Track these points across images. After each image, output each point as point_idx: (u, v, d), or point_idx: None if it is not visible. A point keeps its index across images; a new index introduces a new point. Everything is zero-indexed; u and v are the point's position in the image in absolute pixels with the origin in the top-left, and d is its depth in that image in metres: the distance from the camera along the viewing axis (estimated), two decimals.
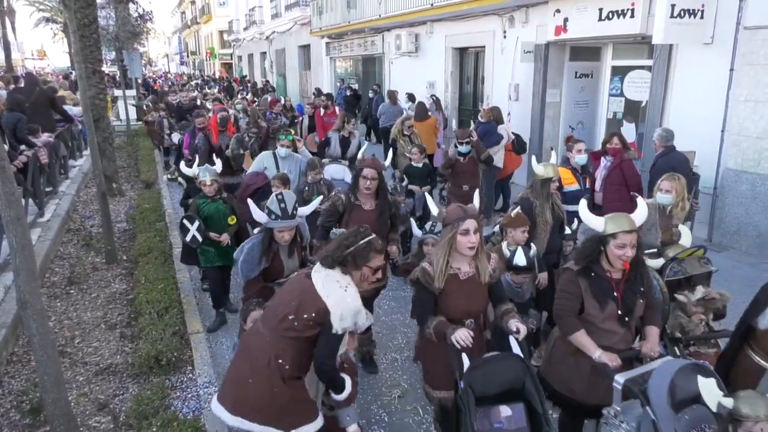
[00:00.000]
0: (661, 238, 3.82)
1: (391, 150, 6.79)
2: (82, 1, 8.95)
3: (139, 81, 21.85)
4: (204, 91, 21.92)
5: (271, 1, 24.75)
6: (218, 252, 5.04)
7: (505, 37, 10.31)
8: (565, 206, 4.55)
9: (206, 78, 33.35)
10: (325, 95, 11.36)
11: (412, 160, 6.73)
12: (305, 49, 22.25)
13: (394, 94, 12.23)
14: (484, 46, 11.05)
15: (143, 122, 16.34)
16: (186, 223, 4.90)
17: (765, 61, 6.18)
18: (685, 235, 3.49)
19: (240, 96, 17.37)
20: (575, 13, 8.35)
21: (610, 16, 7.80)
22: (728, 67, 6.57)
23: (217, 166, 5.48)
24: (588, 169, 5.74)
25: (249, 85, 23.66)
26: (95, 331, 5.09)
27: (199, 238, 4.88)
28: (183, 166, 6.08)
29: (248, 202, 3.83)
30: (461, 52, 12.30)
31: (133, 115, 17.86)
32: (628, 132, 8.40)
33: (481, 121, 8.16)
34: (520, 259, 3.63)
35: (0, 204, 2.90)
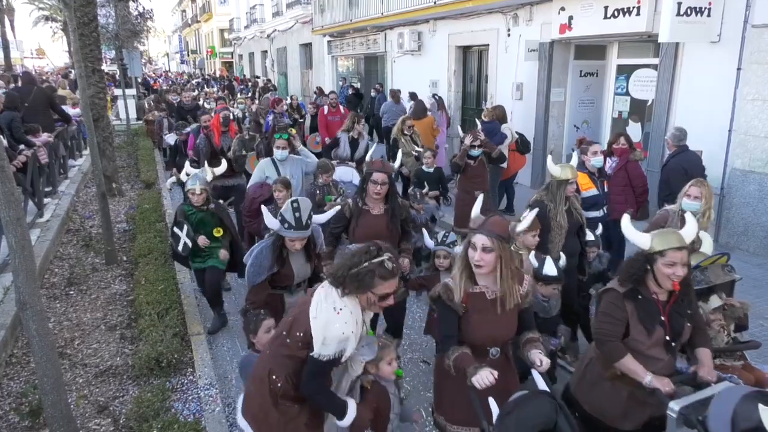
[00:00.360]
0: None
1: (400, 152, 6.55)
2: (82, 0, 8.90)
3: (139, 80, 21.78)
4: (204, 90, 21.88)
5: None
6: (203, 255, 4.94)
7: (509, 35, 10.23)
8: (584, 212, 4.37)
9: (206, 77, 33.19)
10: (331, 93, 11.28)
11: (424, 165, 6.64)
12: (307, 47, 22.18)
13: (397, 93, 12.18)
14: (488, 45, 10.97)
15: (144, 121, 16.28)
16: (177, 231, 4.80)
17: None
18: (707, 242, 3.34)
19: (241, 95, 17.31)
20: (580, 11, 8.28)
21: (616, 14, 7.73)
22: (735, 66, 6.50)
23: (221, 168, 5.38)
24: (605, 172, 5.49)
25: (250, 84, 23.54)
26: (95, 333, 5.04)
27: (189, 244, 4.79)
28: (188, 166, 5.93)
29: (261, 209, 3.72)
30: (464, 51, 12.21)
31: (133, 113, 17.80)
32: (634, 131, 8.33)
33: (484, 120, 8.09)
34: (550, 269, 3.38)
35: None
